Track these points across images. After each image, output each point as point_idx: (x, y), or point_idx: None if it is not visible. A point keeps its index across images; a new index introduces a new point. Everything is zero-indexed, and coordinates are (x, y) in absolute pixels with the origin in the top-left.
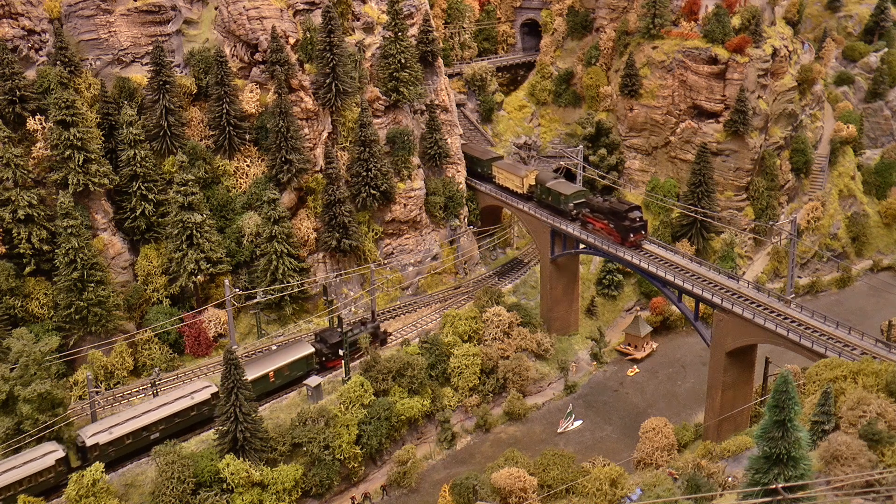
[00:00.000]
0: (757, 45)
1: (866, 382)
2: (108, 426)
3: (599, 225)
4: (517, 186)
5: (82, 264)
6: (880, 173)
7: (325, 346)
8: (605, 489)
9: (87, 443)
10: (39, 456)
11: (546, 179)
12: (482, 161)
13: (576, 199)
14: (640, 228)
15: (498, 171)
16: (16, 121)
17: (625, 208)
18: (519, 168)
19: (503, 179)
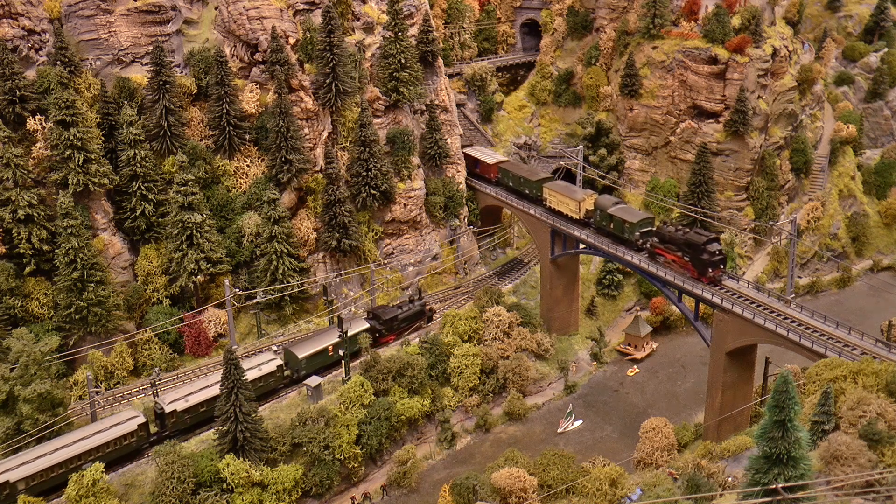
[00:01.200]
0: (757, 45)
1: (866, 382)
2: (184, 394)
3: (671, 257)
4: (572, 211)
5: (82, 264)
6: (880, 173)
7: (377, 323)
8: (605, 489)
9: (165, 409)
10: (123, 421)
11: (607, 205)
12: (530, 181)
13: (642, 227)
14: (719, 262)
15: (550, 194)
16: (16, 121)
17: (703, 240)
18: (574, 191)
19: (556, 203)
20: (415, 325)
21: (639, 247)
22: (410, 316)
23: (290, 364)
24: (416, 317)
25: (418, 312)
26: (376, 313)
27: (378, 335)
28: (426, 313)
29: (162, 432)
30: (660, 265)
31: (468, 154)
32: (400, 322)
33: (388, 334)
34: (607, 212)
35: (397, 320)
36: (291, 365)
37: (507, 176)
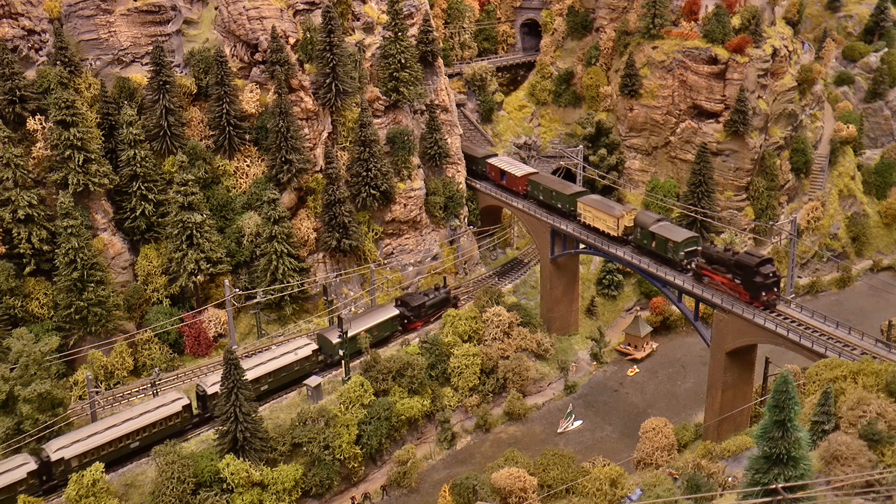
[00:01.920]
0: (757, 45)
1: (866, 382)
2: None
3: (720, 279)
4: (610, 228)
5: (82, 264)
6: (880, 173)
7: (406, 309)
8: (605, 489)
9: (207, 392)
10: (168, 402)
11: (648, 222)
12: (562, 195)
13: (687, 246)
14: (773, 285)
15: (585, 209)
16: (16, 121)
17: (755, 261)
18: (612, 206)
19: (591, 219)
20: (441, 311)
21: (683, 267)
22: (437, 303)
23: (324, 349)
24: (443, 304)
25: (444, 300)
26: (405, 300)
27: (407, 321)
28: (451, 300)
29: (203, 414)
30: (705, 286)
31: (493, 165)
32: (427, 309)
33: (416, 321)
34: (649, 229)
35: (425, 307)
36: (325, 349)
37: (536, 189)
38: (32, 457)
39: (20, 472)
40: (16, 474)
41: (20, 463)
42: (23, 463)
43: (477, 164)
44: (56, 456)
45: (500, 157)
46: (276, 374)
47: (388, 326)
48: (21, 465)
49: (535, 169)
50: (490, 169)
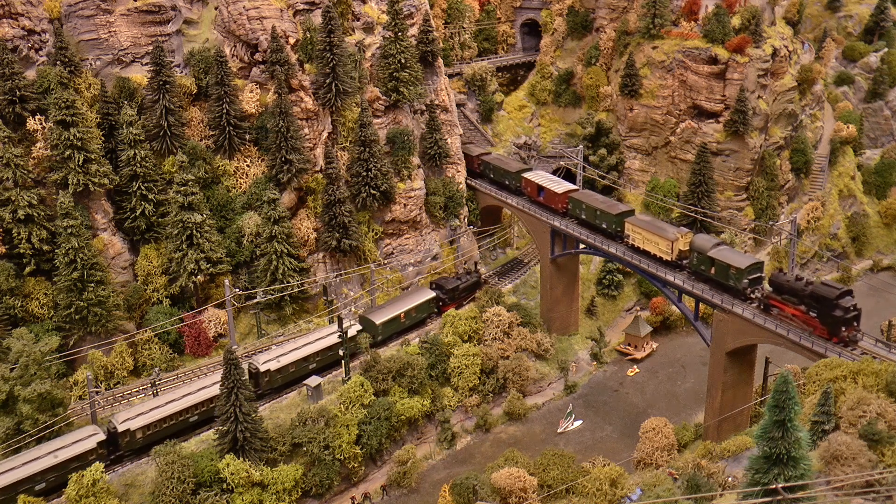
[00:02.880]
0: (757, 45)
1: (866, 382)
2: (276, 355)
3: (791, 311)
4: (662, 252)
5: (82, 264)
6: (880, 173)
7: (441, 293)
8: (605, 489)
9: (260, 369)
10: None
11: (706, 246)
12: (608, 215)
13: (752, 273)
14: (853, 319)
15: (634, 231)
16: (16, 121)
17: (834, 293)
18: (664, 228)
19: (641, 241)
20: (472, 295)
21: (746, 296)
22: (469, 287)
23: (367, 330)
24: (474, 287)
25: (475, 283)
26: (439, 284)
27: (441, 304)
28: (481, 284)
29: (257, 391)
30: (773, 318)
31: (529, 180)
32: (460, 292)
33: (450, 303)
34: (707, 254)
35: (458, 290)
36: (368, 331)
37: (578, 207)
38: (101, 427)
39: (91, 441)
40: (87, 444)
41: (90, 433)
42: (92, 434)
43: (509, 178)
44: (122, 427)
45: (537, 171)
46: (324, 352)
47: (426, 308)
48: (91, 435)
49: (575, 186)
50: (526, 184)
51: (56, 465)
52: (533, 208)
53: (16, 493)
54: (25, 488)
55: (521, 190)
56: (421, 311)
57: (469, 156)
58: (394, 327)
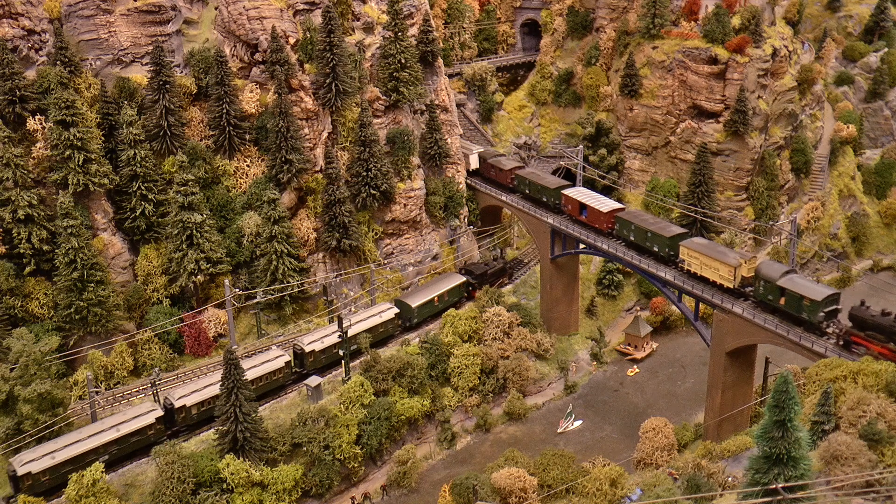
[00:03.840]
0: (757, 45)
1: (866, 382)
2: (319, 337)
3: (878, 349)
4: (723, 278)
5: (82, 264)
6: (880, 173)
7: (471, 277)
8: (605, 489)
9: (305, 349)
10: (273, 358)
11: (774, 273)
12: (661, 238)
13: (828, 305)
14: None
15: (690, 255)
16: (16, 121)
17: None
18: (725, 253)
19: (698, 266)
20: (499, 280)
21: (822, 330)
22: (496, 272)
23: (403, 313)
24: (501, 273)
25: (502, 269)
26: (469, 269)
27: (472, 288)
28: (507, 270)
29: (301, 370)
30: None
31: (570, 197)
32: (489, 277)
33: (479, 287)
34: (776, 283)
35: (487, 275)
36: (404, 313)
37: (627, 228)
38: (157, 404)
39: (150, 416)
40: (147, 419)
41: (149, 409)
42: (151, 409)
43: (546, 194)
44: (179, 403)
45: (579, 188)
46: (365, 333)
47: (458, 292)
48: (150, 411)
49: (622, 205)
50: (566, 202)
51: (118, 439)
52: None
53: (81, 465)
54: (90, 460)
55: (561, 208)
56: (453, 295)
57: (500, 169)
58: (428, 310)
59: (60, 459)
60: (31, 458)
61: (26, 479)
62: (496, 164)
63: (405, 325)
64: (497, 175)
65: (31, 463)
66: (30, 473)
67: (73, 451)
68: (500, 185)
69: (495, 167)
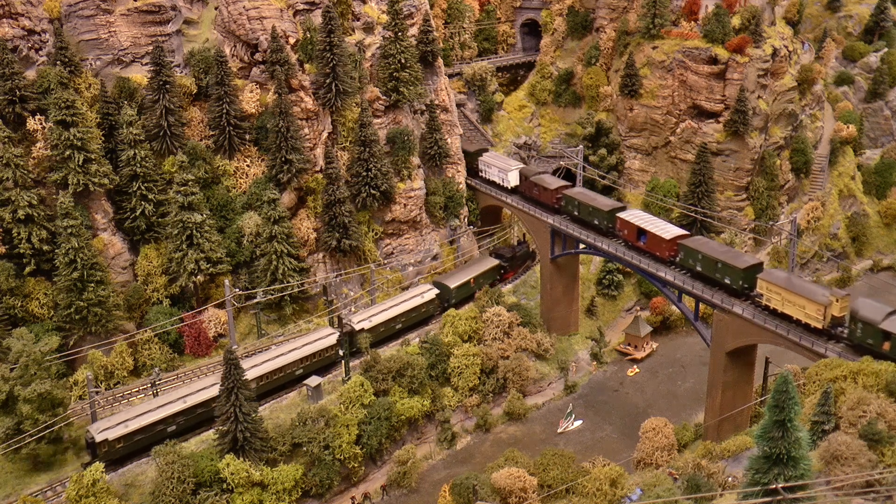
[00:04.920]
0: (757, 45)
1: (866, 382)
2: (369, 315)
3: None
4: (810, 318)
5: (82, 264)
6: (880, 173)
7: (503, 260)
8: (605, 489)
9: (355, 328)
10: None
11: (876, 316)
12: (734, 269)
13: None
14: None
15: (770, 289)
16: (16, 121)
17: None
18: (812, 290)
19: (780, 302)
20: (526, 263)
21: None
22: (523, 255)
23: (441, 294)
24: (526, 256)
25: (527, 253)
26: (500, 253)
27: (504, 270)
28: (533, 254)
29: (352, 348)
30: None
31: (626, 221)
32: (517, 259)
33: (510, 270)
34: (879, 327)
35: (515, 258)
36: (443, 294)
37: (692, 257)
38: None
39: (214, 389)
40: (213, 391)
41: (213, 382)
42: (215, 383)
43: (599, 216)
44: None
45: (635, 211)
46: (408, 314)
47: (492, 275)
48: (214, 384)
49: (685, 231)
50: (622, 226)
51: (185, 410)
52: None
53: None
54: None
55: (616, 232)
56: (487, 277)
57: (544, 188)
58: (464, 291)
59: (133, 428)
60: (107, 427)
61: (103, 445)
62: (539, 183)
63: (444, 305)
64: (540, 194)
65: (108, 431)
66: (106, 440)
67: (145, 420)
68: (543, 205)
69: (538, 185)
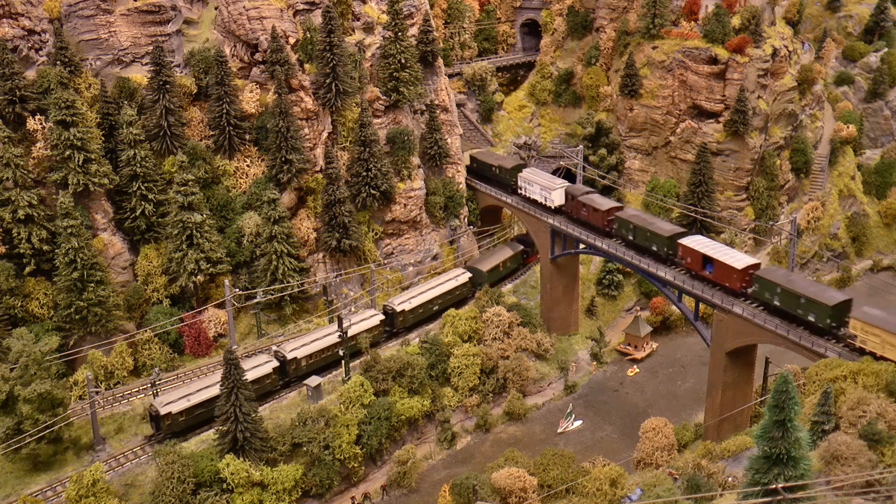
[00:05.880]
0: (757, 45)
1: (866, 382)
2: (409, 297)
3: None
4: None
5: (82, 264)
6: (880, 173)
7: (525, 246)
8: (605, 489)
9: (396, 309)
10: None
11: None
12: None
13: None
14: None
15: (867, 331)
16: (16, 121)
17: None
18: None
19: (878, 345)
20: None
21: None
22: None
23: (475, 277)
24: None
25: None
26: (522, 239)
27: (527, 255)
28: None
29: (392, 329)
30: None
31: (690, 248)
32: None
33: (532, 255)
34: None
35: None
36: (475, 277)
37: (770, 290)
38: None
39: (268, 367)
40: (265, 368)
41: (266, 361)
42: (268, 361)
43: (658, 242)
44: (291, 356)
45: (698, 237)
46: (444, 296)
47: (518, 259)
48: (267, 362)
49: (757, 259)
50: (684, 253)
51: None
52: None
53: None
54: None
55: (677, 260)
56: (514, 262)
57: (594, 209)
58: (495, 275)
59: (195, 402)
60: (170, 401)
61: (167, 418)
62: (589, 203)
63: (475, 288)
64: (589, 216)
65: (171, 404)
66: (170, 414)
67: (204, 395)
68: (592, 227)
69: (587, 206)
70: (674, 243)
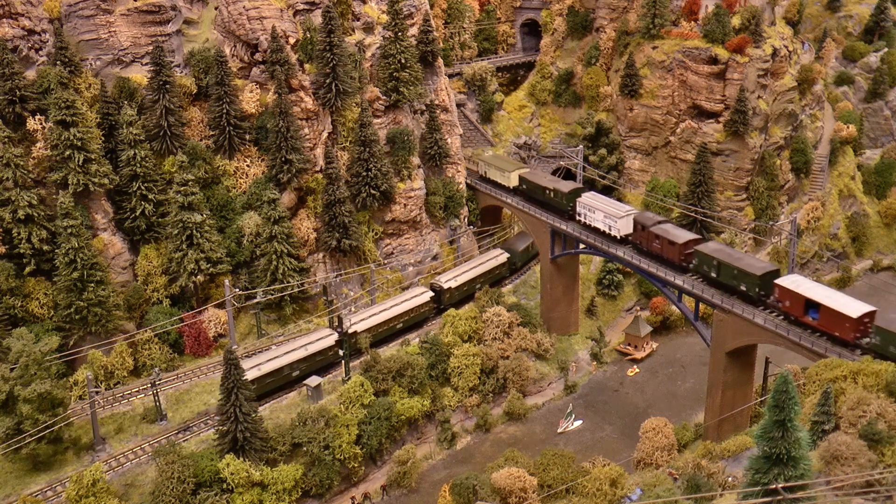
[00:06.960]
0: (757, 45)
1: (866, 382)
2: (454, 275)
3: None
4: None
5: (82, 264)
6: (880, 173)
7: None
8: (605, 489)
9: (443, 287)
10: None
11: None
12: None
13: None
14: None
15: None
16: (16, 121)
17: None
18: None
19: None
20: None
21: None
22: None
23: (511, 257)
24: None
25: None
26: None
27: None
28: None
29: (439, 305)
30: None
31: (789, 290)
32: None
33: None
34: None
35: None
36: (513, 258)
37: (889, 339)
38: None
39: (330, 339)
40: (327, 341)
41: (327, 334)
42: (329, 334)
43: (748, 282)
44: (351, 330)
45: (796, 277)
46: (486, 275)
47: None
48: (329, 335)
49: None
50: (782, 295)
51: (306, 357)
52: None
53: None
54: (286, 374)
55: (771, 302)
56: (533, 250)
57: (669, 241)
58: (525, 256)
59: (265, 371)
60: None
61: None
62: (663, 234)
63: (511, 268)
64: (663, 248)
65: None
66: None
67: (274, 364)
68: (664, 261)
69: (660, 238)
70: (768, 283)
